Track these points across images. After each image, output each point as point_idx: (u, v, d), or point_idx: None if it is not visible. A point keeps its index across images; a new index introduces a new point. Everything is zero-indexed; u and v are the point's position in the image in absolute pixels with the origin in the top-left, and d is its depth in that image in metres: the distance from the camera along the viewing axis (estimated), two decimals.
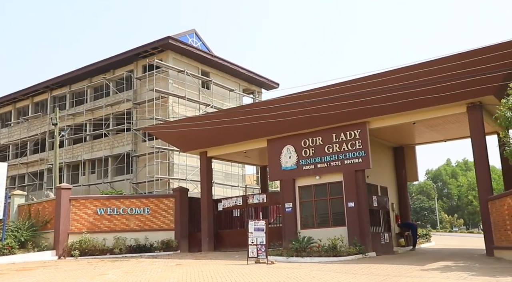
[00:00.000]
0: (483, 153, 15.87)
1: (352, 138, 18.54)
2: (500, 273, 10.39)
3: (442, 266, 12.41)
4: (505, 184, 19.71)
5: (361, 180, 18.28)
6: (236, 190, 35.31)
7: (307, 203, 19.58)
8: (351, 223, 17.82)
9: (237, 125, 20.56)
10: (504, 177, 20.21)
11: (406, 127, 19.34)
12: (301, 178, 19.81)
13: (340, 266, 13.51)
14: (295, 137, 20.09)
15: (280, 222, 20.76)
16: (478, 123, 16.05)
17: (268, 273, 12.00)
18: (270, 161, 20.82)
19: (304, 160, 19.64)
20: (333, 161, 18.85)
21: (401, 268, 12.24)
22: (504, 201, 13.58)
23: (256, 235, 14.92)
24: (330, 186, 19.07)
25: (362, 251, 16.43)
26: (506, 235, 13.55)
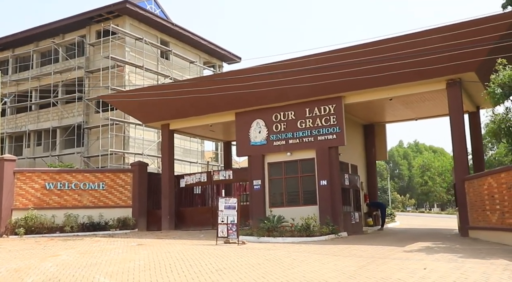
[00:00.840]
0: (461, 131, 15.68)
1: (326, 113, 17.89)
2: (488, 255, 10.12)
3: (424, 247, 12.10)
4: (474, 165, 19.87)
5: (334, 157, 17.74)
6: (195, 166, 34.23)
7: (276, 181, 18.88)
8: (323, 202, 17.32)
9: (204, 96, 19.39)
10: (474, 158, 20.39)
11: (380, 103, 18.93)
12: (271, 154, 19.04)
13: (316, 247, 12.94)
14: (265, 111, 19.20)
15: (247, 200, 20.00)
16: (457, 100, 15.80)
17: (243, 254, 11.20)
18: (238, 136, 19.87)
19: (274, 135, 18.84)
20: (305, 136, 18.16)
21: (383, 250, 11.81)
22: (484, 181, 13.42)
23: (227, 213, 14.04)
24: (301, 163, 18.43)
25: (335, 231, 15.99)
26: (484, 215, 13.44)
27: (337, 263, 9.54)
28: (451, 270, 8.27)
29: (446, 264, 8.97)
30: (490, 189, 12.98)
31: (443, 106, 19.44)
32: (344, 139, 17.54)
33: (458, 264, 8.83)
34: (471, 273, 7.90)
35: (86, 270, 9.28)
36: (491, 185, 12.92)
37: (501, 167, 12.79)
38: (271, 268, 9.01)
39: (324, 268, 8.91)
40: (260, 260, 10.13)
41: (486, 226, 13.33)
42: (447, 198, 59.35)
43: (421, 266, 8.76)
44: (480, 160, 20.04)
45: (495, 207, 12.71)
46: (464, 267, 8.50)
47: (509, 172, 11.81)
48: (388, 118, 22.31)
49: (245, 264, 9.55)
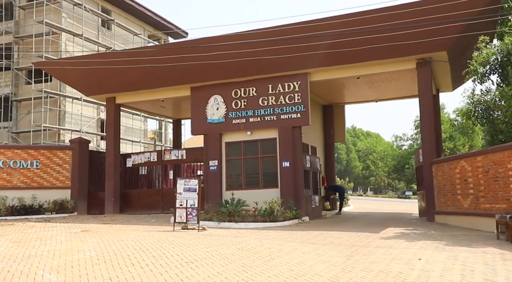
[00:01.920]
0: (430, 113, 15.37)
1: (290, 90, 16.94)
2: (472, 242, 9.72)
3: (399, 234, 11.59)
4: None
5: (297, 138, 16.91)
6: (138, 146, 32.31)
7: (235, 161, 17.78)
8: (285, 184, 16.49)
9: (156, 68, 17.71)
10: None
11: (345, 82, 18.28)
12: (229, 132, 17.86)
13: (285, 233, 12.06)
14: (224, 87, 17.93)
15: (202, 182, 18.73)
16: (427, 81, 15.43)
17: (210, 243, 10.06)
18: (194, 113, 18.46)
19: (234, 112, 17.65)
20: (267, 115, 17.14)
21: (358, 237, 11.14)
22: (456, 164, 13.14)
23: (186, 196, 12.77)
24: (262, 143, 17.44)
25: (298, 216, 15.24)
26: (455, 200, 13.20)
27: (319, 253, 8.68)
28: (448, 260, 7.66)
29: (439, 253, 8.38)
30: (463, 173, 12.71)
31: (407, 88, 19.27)
32: (309, 119, 16.73)
33: (451, 254, 8.26)
34: (472, 264, 7.31)
35: (25, 264, 7.71)
36: (465, 169, 12.64)
37: (478, 150, 12.55)
38: (248, 260, 7.96)
39: (309, 259, 8.01)
40: (231, 250, 9.05)
41: (457, 211, 13.10)
42: (388, 182, 61.29)
43: (413, 256, 8.10)
44: (439, 143, 20.06)
45: (468, 191, 12.45)
46: (459, 257, 7.95)
47: (486, 155, 11.51)
48: (348, 99, 21.82)
49: (217, 255, 8.42)
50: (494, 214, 11.02)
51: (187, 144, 33.89)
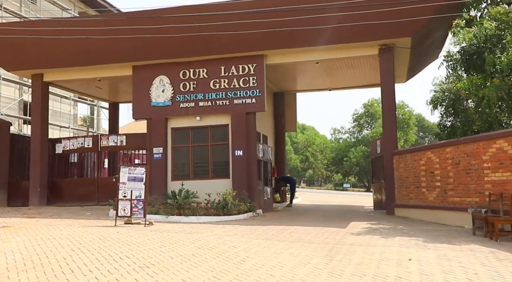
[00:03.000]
0: (392, 102, 14.86)
1: (245, 73, 15.77)
2: (451, 239, 9.15)
3: (368, 229, 10.86)
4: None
5: (252, 125, 15.81)
6: (66, 131, 29.60)
7: (182, 149, 16.35)
8: (238, 175, 15.34)
9: (93, 41, 15.78)
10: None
11: (302, 67, 17.39)
12: (176, 117, 16.38)
13: (244, 228, 10.92)
14: (171, 67, 16.39)
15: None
16: (390, 68, 14.89)
17: (163, 241, 8.69)
18: (136, 94, 16.74)
19: (182, 95, 16.18)
20: (219, 99, 15.86)
21: (326, 232, 10.26)
22: (421, 156, 12.68)
23: (131, 186, 11.24)
24: (213, 129, 16.15)
25: (252, 209, 14.20)
26: (419, 192, 12.76)
27: (293, 252, 7.64)
28: (441, 261, 6.90)
29: (424, 252, 7.64)
30: (430, 165, 12.25)
31: (364, 77, 18.82)
32: (264, 104, 15.68)
33: (439, 253, 7.54)
34: (469, 265, 6.60)
35: None
36: (431, 160, 12.19)
37: (447, 141, 12.12)
38: (215, 262, 6.74)
39: (285, 260, 6.93)
40: (191, 249, 7.77)
41: (421, 205, 12.66)
42: (327, 174, 62.03)
43: (399, 256, 7.29)
44: None
45: (435, 184, 12.01)
46: (449, 256, 7.24)
47: (458, 146, 11.07)
48: (300, 86, 21.03)
49: (176, 256, 7.11)
50: (465, 208, 10.64)
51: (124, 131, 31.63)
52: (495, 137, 9.81)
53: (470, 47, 10.57)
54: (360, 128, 60.34)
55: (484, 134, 10.42)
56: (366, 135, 57.16)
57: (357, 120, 59.98)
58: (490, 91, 10.03)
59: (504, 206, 9.26)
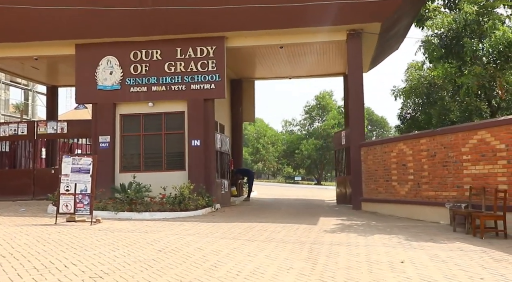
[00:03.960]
0: (359, 90, 14.29)
1: (204, 56, 14.69)
2: (431, 236, 8.66)
3: (341, 226, 10.20)
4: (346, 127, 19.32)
5: (210, 113, 14.79)
6: None
7: (132, 138, 15.05)
8: (195, 167, 14.28)
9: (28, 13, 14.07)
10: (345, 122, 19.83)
11: (264, 52, 16.52)
12: (126, 103, 15.04)
13: (206, 226, 9.94)
14: (121, 46, 15.01)
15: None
16: (358, 55, 14.34)
17: (113, 242, 7.56)
18: (80, 76, 15.19)
19: (132, 78, 14.86)
20: (175, 84, 14.69)
21: (298, 230, 9.50)
22: (392, 147, 12.22)
23: (75, 178, 9.93)
24: (167, 117, 14.97)
25: (211, 203, 13.23)
26: (389, 186, 12.31)
27: (269, 254, 6.79)
28: (437, 263, 6.31)
29: (413, 252, 7.03)
30: (402, 157, 11.81)
31: (328, 65, 18.33)
32: (224, 91, 14.69)
33: (428, 253, 6.96)
34: (469, 268, 6.04)
35: None
36: (404, 152, 11.74)
37: (422, 132, 11.71)
38: (182, 269, 5.76)
39: (263, 265, 6.07)
40: (150, 253, 6.72)
41: (391, 199, 12.21)
42: (278, 166, 61.83)
43: (388, 257, 6.64)
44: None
45: (407, 177, 11.58)
46: (441, 257, 6.67)
47: (434, 137, 10.65)
48: (260, 74, 20.19)
49: (134, 262, 6.05)
50: (441, 203, 10.26)
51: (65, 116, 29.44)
52: (476, 128, 9.42)
53: (449, 32, 10.13)
54: (312, 120, 60.64)
55: (464, 125, 10.05)
56: (318, 128, 57.46)
57: (309, 113, 60.16)
58: (470, 79, 9.64)
59: (486, 201, 8.87)
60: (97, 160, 10.16)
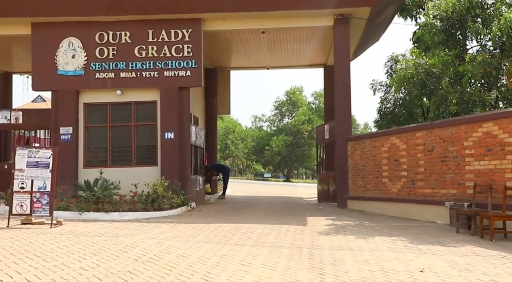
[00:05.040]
0: (346, 80, 13.54)
1: (179, 40, 13.62)
2: (436, 238, 7.98)
3: (334, 226, 9.41)
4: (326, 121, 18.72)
5: (185, 103, 13.75)
6: None
7: (98, 130, 13.84)
8: (168, 162, 13.22)
9: None
10: (326, 116, 19.19)
11: (244, 38, 15.62)
12: (90, 90, 13.81)
13: (184, 228, 8.95)
14: (84, 26, 13.76)
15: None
16: (345, 41, 13.61)
17: (78, 249, 6.50)
18: (37, 60, 13.83)
19: (98, 63, 13.63)
20: (146, 70, 13.56)
21: (289, 231, 8.64)
22: (383, 141, 11.54)
23: (32, 174, 8.74)
24: (137, 106, 13.83)
25: (186, 202, 12.23)
26: (379, 183, 11.63)
27: (265, 262, 5.92)
28: (461, 272, 5.57)
29: (427, 259, 6.28)
30: (394, 152, 11.14)
31: (309, 55, 17.61)
32: (201, 78, 13.71)
33: (445, 259, 6.23)
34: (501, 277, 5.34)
35: None
36: (396, 147, 11.08)
37: (418, 124, 11.06)
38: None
39: (264, 277, 5.18)
40: (125, 262, 5.72)
41: (381, 197, 11.55)
42: (247, 163, 60.96)
43: (401, 264, 5.88)
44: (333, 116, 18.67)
45: (400, 173, 10.92)
46: (460, 264, 5.95)
47: (431, 130, 10.00)
48: (236, 63, 19.26)
49: (107, 277, 5.04)
50: (438, 201, 9.65)
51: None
52: (481, 120, 8.80)
53: (453, 14, 9.48)
54: (282, 116, 60.11)
55: (468, 116, 9.44)
56: (288, 124, 56.93)
57: (279, 108, 59.58)
58: (474, 66, 9.02)
59: (492, 199, 8.26)
60: (58, 153, 8.97)
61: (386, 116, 18.69)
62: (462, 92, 10.21)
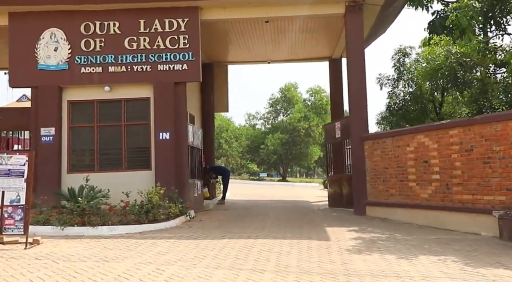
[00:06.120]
0: (361, 72, 12.15)
1: (174, 30, 12.19)
2: (492, 256, 6.66)
3: (361, 241, 8.02)
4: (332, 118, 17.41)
5: (182, 99, 12.33)
6: None
7: (83, 130, 12.36)
8: (163, 165, 11.77)
9: None
10: (332, 112, 17.88)
11: (246, 28, 14.25)
12: (75, 86, 12.33)
13: (188, 245, 7.52)
14: (68, 16, 12.29)
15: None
16: (359, 31, 12.25)
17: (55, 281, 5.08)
18: (15, 53, 12.31)
19: (83, 56, 12.16)
20: (137, 63, 12.11)
21: (312, 250, 7.24)
22: (409, 140, 10.20)
23: (2, 184, 7.27)
24: (128, 104, 12.36)
25: (185, 211, 10.81)
26: (405, 187, 10.29)
27: None
28: None
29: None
30: (423, 152, 9.80)
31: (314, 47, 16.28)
32: (199, 72, 12.34)
33: None
34: None
35: None
36: (425, 146, 9.74)
37: (452, 121, 9.74)
38: None
39: None
40: None
41: (408, 203, 10.19)
42: (242, 163, 59.45)
43: None
44: (339, 112, 17.39)
45: (431, 176, 9.58)
46: None
47: (470, 127, 8.66)
48: (234, 57, 17.84)
49: None
50: (481, 209, 8.33)
51: None
52: None
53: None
54: (276, 114, 58.81)
55: None
56: (283, 122, 55.58)
57: (274, 106, 58.25)
58: None
59: None
60: (34, 159, 7.52)
61: (396, 112, 17.44)
62: (505, 84, 8.92)
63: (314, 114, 53.04)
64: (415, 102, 17.00)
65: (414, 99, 17.00)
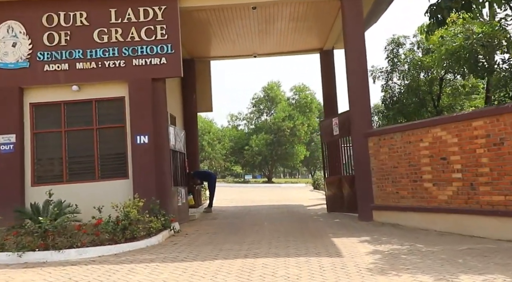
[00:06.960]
0: (362, 62, 10.95)
1: (149, 20, 10.82)
2: None
3: (380, 256, 6.75)
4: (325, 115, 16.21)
5: (161, 97, 10.94)
6: None
7: (49, 136, 10.88)
8: (142, 173, 10.36)
9: None
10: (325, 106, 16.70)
11: (231, 17, 12.93)
12: (38, 87, 10.87)
13: (174, 272, 6.15)
14: (28, 7, 10.84)
15: None
16: (358, 16, 11.07)
17: None
18: None
19: (47, 52, 10.70)
20: (109, 58, 10.69)
21: (325, 271, 5.93)
22: (422, 135, 9.01)
23: None
24: (100, 105, 10.94)
25: (168, 224, 9.43)
26: (419, 188, 9.09)
27: None
28: None
29: None
30: (440, 148, 8.61)
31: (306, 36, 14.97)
32: (180, 66, 10.97)
33: None
34: None
35: None
36: (442, 141, 8.55)
37: (476, 110, 8.55)
38: None
39: None
40: None
41: (424, 206, 8.99)
42: (226, 165, 57.94)
43: None
44: (333, 108, 16.15)
45: (450, 175, 8.39)
46: None
47: (498, 117, 7.49)
48: (217, 51, 16.52)
49: None
50: None
51: None
52: None
53: None
54: (260, 113, 57.62)
55: None
56: (267, 122, 54.35)
57: (256, 105, 57.02)
58: None
59: None
60: None
61: (393, 106, 16.36)
62: None
63: (299, 113, 51.97)
64: (412, 94, 15.97)
65: (411, 92, 15.98)
